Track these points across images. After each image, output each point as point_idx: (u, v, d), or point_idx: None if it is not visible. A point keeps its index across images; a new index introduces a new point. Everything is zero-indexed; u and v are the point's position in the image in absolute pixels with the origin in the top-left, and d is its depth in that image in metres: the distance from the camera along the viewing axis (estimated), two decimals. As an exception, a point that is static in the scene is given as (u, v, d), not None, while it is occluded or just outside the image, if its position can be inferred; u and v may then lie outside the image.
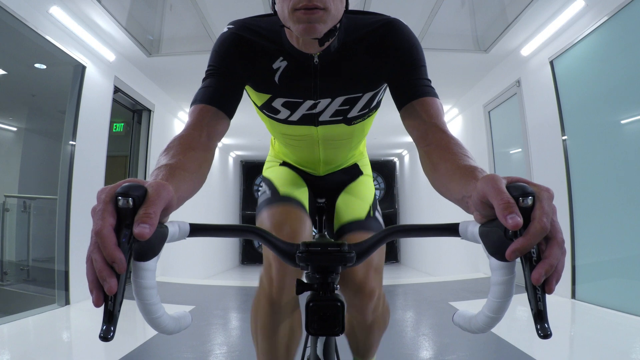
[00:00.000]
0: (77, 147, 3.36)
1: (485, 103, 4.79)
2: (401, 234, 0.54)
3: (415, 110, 0.79)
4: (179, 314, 0.49)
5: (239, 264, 10.59)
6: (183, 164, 0.61)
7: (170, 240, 0.48)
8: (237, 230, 0.53)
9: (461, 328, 0.51)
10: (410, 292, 4.09)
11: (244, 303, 3.85)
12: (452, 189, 0.59)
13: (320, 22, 0.70)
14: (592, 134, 3.07)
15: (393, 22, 0.86)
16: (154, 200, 0.43)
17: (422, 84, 0.82)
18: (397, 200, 10.79)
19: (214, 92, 0.80)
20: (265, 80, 0.89)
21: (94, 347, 2.24)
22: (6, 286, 3.64)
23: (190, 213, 5.81)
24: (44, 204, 3.95)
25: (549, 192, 0.44)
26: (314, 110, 0.94)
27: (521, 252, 0.41)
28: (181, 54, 3.98)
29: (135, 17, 3.48)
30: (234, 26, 0.87)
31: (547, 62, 3.50)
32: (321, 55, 0.85)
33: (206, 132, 0.76)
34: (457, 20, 3.67)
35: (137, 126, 4.82)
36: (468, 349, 2.20)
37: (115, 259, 0.39)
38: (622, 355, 2.01)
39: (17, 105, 4.42)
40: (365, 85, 0.91)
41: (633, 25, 2.61)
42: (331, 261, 0.51)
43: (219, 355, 2.19)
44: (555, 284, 0.42)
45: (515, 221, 0.40)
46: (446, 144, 0.70)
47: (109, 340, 0.39)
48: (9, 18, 2.66)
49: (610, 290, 2.87)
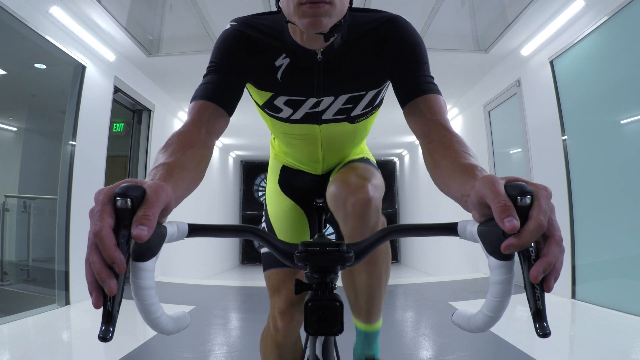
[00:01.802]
0: (77, 147, 3.36)
1: (485, 103, 4.79)
2: (400, 233, 0.54)
3: (418, 108, 0.79)
4: (178, 314, 0.49)
5: (239, 264, 10.58)
6: (181, 162, 0.61)
7: (169, 241, 0.48)
8: (236, 230, 0.53)
9: (460, 327, 0.51)
10: (410, 292, 4.09)
11: (244, 303, 3.85)
12: (452, 187, 0.59)
13: (326, 15, 0.70)
14: (592, 134, 3.07)
15: (395, 19, 0.85)
16: (153, 202, 0.43)
17: (425, 81, 0.82)
18: (397, 200, 10.79)
19: (214, 88, 0.80)
20: (268, 78, 0.89)
21: (94, 347, 2.24)
22: (6, 286, 3.65)
23: (190, 213, 5.80)
24: (44, 204, 3.95)
25: (547, 191, 0.44)
26: (317, 109, 0.94)
27: (516, 248, 0.41)
28: (181, 54, 3.98)
29: (135, 17, 3.48)
30: (237, 23, 0.86)
31: (547, 62, 3.50)
32: (324, 52, 0.84)
33: (205, 128, 0.75)
34: (457, 20, 3.67)
35: (137, 126, 4.82)
36: (468, 349, 2.20)
37: (114, 260, 0.39)
38: (622, 355, 2.01)
39: (17, 105, 4.42)
40: (368, 83, 0.90)
41: (633, 25, 2.61)
42: (330, 261, 0.51)
43: (219, 355, 2.19)
44: (554, 282, 0.42)
45: (512, 224, 0.40)
46: (448, 142, 0.70)
47: (107, 340, 0.39)
48: (9, 18, 2.66)
49: (610, 290, 2.87)
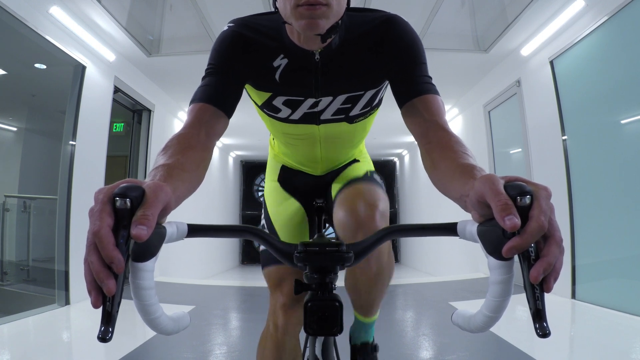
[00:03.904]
0: (77, 147, 3.36)
1: (485, 103, 4.79)
2: (400, 233, 0.54)
3: (416, 108, 0.79)
4: (177, 314, 0.49)
5: (239, 264, 10.59)
6: (181, 163, 0.61)
7: (169, 241, 0.48)
8: (235, 230, 0.53)
9: (460, 327, 0.51)
10: (410, 292, 4.09)
11: (244, 303, 3.85)
12: (451, 188, 0.59)
13: (323, 17, 0.70)
14: (592, 134, 3.07)
15: (393, 19, 0.85)
16: (152, 202, 0.43)
17: (423, 81, 0.81)
18: (397, 200, 10.79)
19: (213, 90, 0.80)
20: (266, 79, 0.89)
21: (94, 347, 2.24)
22: (6, 286, 3.64)
23: (190, 213, 5.81)
24: (44, 204, 3.95)
25: (547, 191, 0.43)
26: (316, 109, 0.94)
27: (518, 250, 0.41)
28: (181, 54, 3.98)
29: (135, 17, 3.48)
30: (234, 24, 0.86)
31: (547, 62, 3.50)
32: (322, 52, 0.84)
33: (205, 131, 0.75)
34: (457, 20, 3.67)
35: (137, 126, 4.82)
36: (468, 349, 2.20)
37: (113, 259, 0.39)
38: (622, 355, 2.01)
39: (17, 105, 4.42)
40: (367, 83, 0.90)
41: (633, 25, 2.61)
42: (329, 261, 0.51)
43: (219, 355, 2.19)
44: (554, 282, 0.42)
45: (513, 222, 0.40)
46: (447, 142, 0.70)
47: (107, 341, 0.39)
48: (9, 18, 2.66)
49: (610, 290, 2.87)
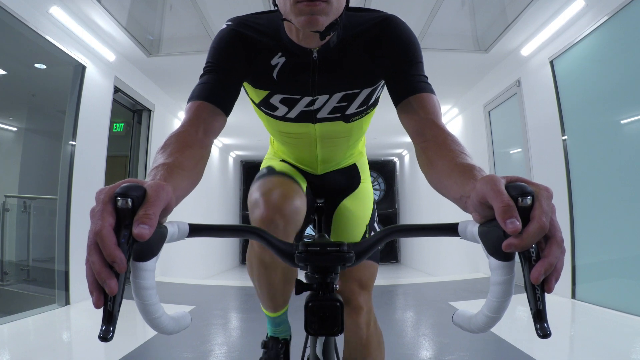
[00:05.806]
0: (77, 147, 3.36)
1: (485, 103, 4.79)
2: (400, 233, 0.54)
3: (412, 106, 0.79)
4: (178, 314, 0.49)
5: (239, 264, 10.58)
6: (180, 162, 0.61)
7: (170, 241, 0.48)
8: (236, 230, 0.53)
9: (461, 328, 0.51)
10: (410, 292, 4.09)
11: (244, 303, 3.85)
12: (450, 188, 0.59)
13: (323, 14, 0.71)
14: (592, 134, 3.07)
15: (390, 19, 0.86)
16: (154, 201, 0.43)
17: (419, 80, 0.82)
18: (397, 200, 10.79)
19: (211, 88, 0.81)
20: (263, 77, 0.89)
21: (94, 347, 2.24)
22: (6, 286, 3.64)
23: (190, 213, 5.79)
24: (44, 204, 3.94)
25: (548, 192, 0.44)
26: (312, 107, 0.95)
27: (517, 248, 0.41)
28: (181, 54, 3.98)
29: (135, 17, 3.48)
30: (233, 23, 0.87)
31: (547, 62, 3.50)
32: (320, 50, 0.85)
33: (203, 128, 0.76)
34: (457, 20, 3.66)
35: (137, 126, 4.82)
36: (468, 349, 2.20)
37: (115, 259, 0.39)
38: (622, 355, 2.01)
39: (17, 105, 4.42)
40: (363, 81, 0.91)
41: (633, 25, 2.61)
42: (330, 261, 0.51)
43: (219, 355, 2.19)
44: (555, 283, 0.42)
45: (514, 226, 0.40)
46: (443, 141, 0.70)
47: (108, 340, 0.39)
48: (9, 18, 2.66)
49: (610, 290, 2.87)
